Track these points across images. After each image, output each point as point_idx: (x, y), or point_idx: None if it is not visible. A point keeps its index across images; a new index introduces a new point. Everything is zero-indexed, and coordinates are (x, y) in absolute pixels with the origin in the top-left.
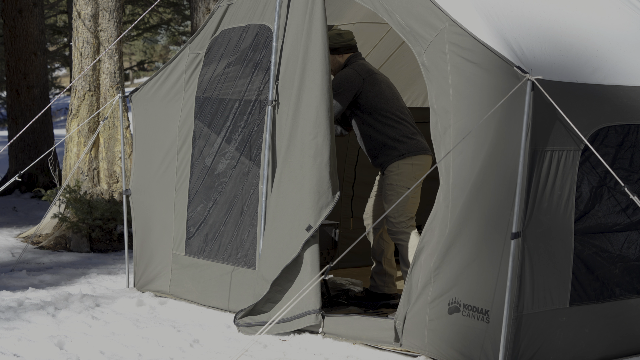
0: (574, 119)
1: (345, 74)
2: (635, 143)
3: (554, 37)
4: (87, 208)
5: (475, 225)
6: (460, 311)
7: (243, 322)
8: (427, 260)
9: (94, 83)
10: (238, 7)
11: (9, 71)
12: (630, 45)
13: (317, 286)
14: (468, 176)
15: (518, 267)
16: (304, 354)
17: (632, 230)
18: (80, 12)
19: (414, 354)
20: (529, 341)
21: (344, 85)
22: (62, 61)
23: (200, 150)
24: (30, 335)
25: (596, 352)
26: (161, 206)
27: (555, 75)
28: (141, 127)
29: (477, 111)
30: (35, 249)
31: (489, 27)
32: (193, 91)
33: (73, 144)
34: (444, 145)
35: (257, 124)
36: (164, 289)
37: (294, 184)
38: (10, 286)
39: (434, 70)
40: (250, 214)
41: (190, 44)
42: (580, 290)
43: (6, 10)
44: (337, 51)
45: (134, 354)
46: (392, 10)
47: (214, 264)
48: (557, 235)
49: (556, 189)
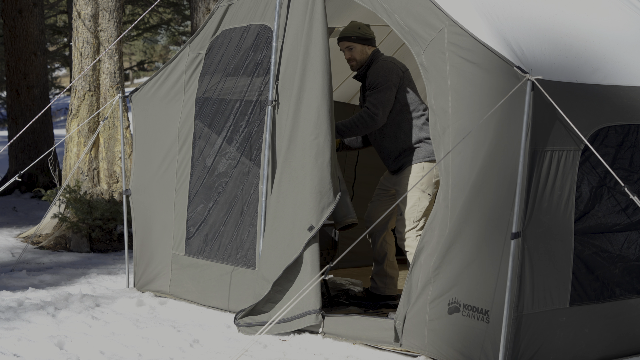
0: (574, 119)
1: (387, 67)
2: (635, 143)
3: (553, 37)
4: (87, 208)
5: (475, 225)
6: (460, 311)
7: (243, 322)
8: (427, 260)
9: (94, 83)
10: (238, 7)
11: (9, 71)
12: (630, 46)
13: (317, 286)
14: (468, 176)
15: (518, 267)
16: (304, 354)
17: (632, 230)
18: (80, 12)
19: (414, 354)
20: (529, 341)
21: (390, 79)
22: (62, 61)
23: (200, 151)
24: (30, 335)
25: (596, 352)
26: (161, 206)
27: (555, 76)
28: (141, 127)
29: (476, 111)
30: (35, 249)
31: (488, 28)
32: (193, 91)
33: (73, 144)
34: (443, 145)
35: (258, 124)
36: (164, 289)
37: (295, 184)
38: (10, 286)
39: (433, 70)
40: (250, 214)
41: (190, 44)
42: (580, 290)
43: (6, 10)
44: (369, 42)
45: (134, 354)
46: (392, 11)
47: (214, 264)
48: (557, 235)
49: (556, 189)
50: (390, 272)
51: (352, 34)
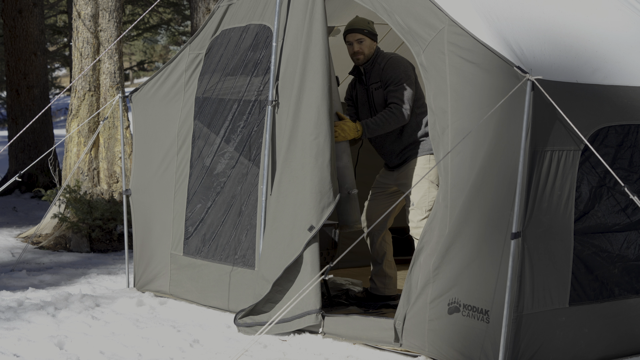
0: (574, 119)
1: (405, 63)
2: (635, 143)
3: (553, 37)
4: (87, 208)
5: (475, 225)
6: (460, 311)
7: (243, 322)
8: (426, 260)
9: (94, 83)
10: (238, 7)
11: (9, 71)
12: (629, 46)
13: (317, 286)
14: (467, 176)
15: (518, 267)
16: (304, 354)
17: (632, 230)
18: (80, 12)
19: (413, 354)
20: (529, 341)
21: (410, 75)
22: (62, 61)
23: (199, 150)
24: (30, 335)
25: (596, 352)
26: (161, 206)
27: (555, 76)
28: (141, 127)
29: (476, 111)
30: (35, 249)
31: (488, 28)
32: (193, 91)
33: (73, 144)
34: (442, 145)
35: (257, 124)
36: (164, 289)
37: (295, 184)
38: (10, 286)
39: (432, 70)
40: (249, 214)
41: (190, 44)
42: (579, 290)
43: (6, 10)
44: (376, 38)
45: (134, 354)
46: (392, 10)
47: (212, 264)
48: (557, 235)
49: (556, 189)
50: (389, 272)
51: (364, 27)
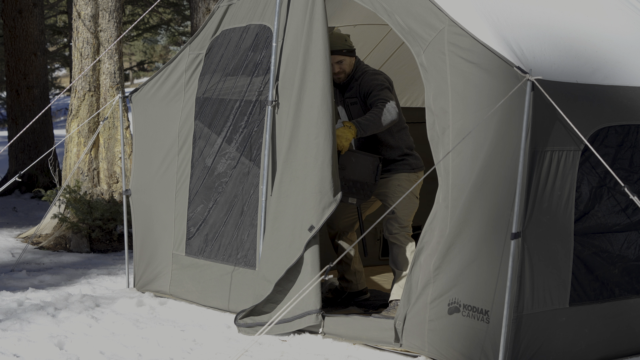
0: (574, 119)
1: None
2: (635, 143)
3: (553, 38)
4: (87, 208)
5: (475, 226)
6: (460, 311)
7: (244, 322)
8: (427, 260)
9: (94, 83)
10: (238, 7)
11: (9, 71)
12: (629, 46)
13: (318, 286)
14: (467, 176)
15: (518, 267)
16: (304, 354)
17: (632, 231)
18: (80, 13)
19: (414, 354)
20: (529, 341)
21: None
22: (62, 61)
23: (200, 151)
24: (30, 335)
25: (596, 352)
26: (161, 206)
27: (555, 76)
28: (141, 127)
29: (476, 111)
30: (35, 250)
31: (488, 28)
32: (193, 91)
33: (73, 144)
34: (442, 145)
35: (258, 124)
36: (164, 289)
37: (296, 185)
38: (10, 286)
39: (433, 70)
40: (251, 214)
41: (190, 45)
42: (579, 290)
43: (6, 11)
44: (354, 53)
45: (134, 354)
46: (392, 11)
47: (214, 264)
48: (557, 236)
49: (556, 189)
50: (358, 267)
51: (342, 47)
